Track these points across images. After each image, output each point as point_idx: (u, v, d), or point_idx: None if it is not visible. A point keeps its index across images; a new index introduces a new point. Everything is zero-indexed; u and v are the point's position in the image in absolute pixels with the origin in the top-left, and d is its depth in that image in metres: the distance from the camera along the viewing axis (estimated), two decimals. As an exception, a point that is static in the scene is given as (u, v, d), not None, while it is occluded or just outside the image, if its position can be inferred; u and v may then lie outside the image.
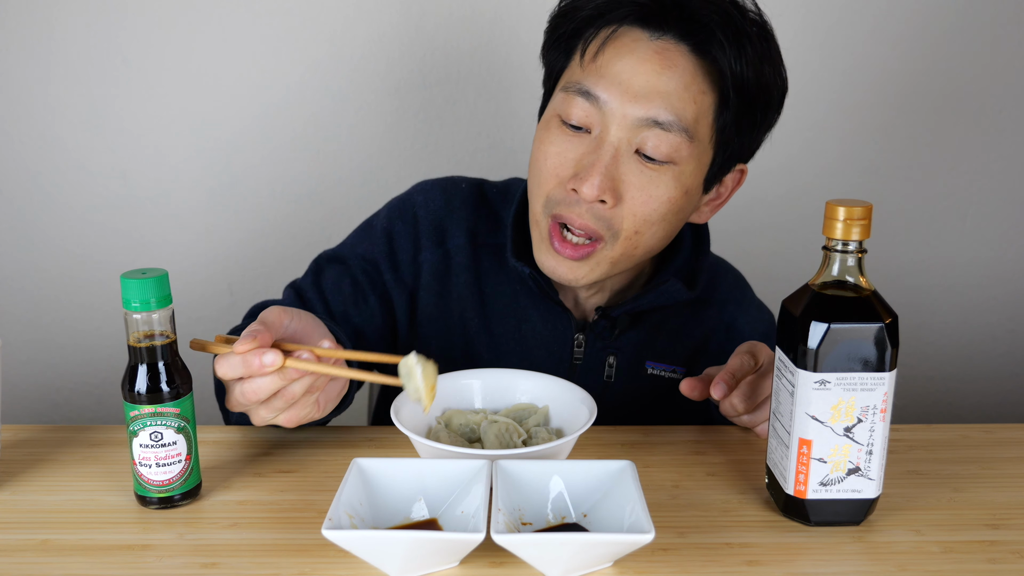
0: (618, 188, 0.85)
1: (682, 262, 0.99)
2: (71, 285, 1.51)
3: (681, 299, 0.97)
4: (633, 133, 0.85)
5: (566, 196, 0.87)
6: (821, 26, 1.44)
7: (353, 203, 1.48)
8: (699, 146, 0.87)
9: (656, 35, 0.85)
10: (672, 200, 0.87)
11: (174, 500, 0.75)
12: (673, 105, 0.84)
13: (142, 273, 0.72)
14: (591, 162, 0.85)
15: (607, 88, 0.84)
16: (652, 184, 0.86)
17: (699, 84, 0.85)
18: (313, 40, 1.42)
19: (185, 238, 1.50)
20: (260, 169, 1.47)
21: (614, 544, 0.64)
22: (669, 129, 0.84)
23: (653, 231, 0.88)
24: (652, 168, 0.86)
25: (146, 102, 1.43)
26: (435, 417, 0.85)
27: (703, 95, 0.85)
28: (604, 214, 0.86)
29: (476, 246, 1.01)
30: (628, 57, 0.84)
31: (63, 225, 1.48)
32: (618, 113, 0.84)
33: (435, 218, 1.01)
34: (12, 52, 1.40)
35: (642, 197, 0.86)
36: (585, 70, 0.86)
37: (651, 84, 0.84)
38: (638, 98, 0.84)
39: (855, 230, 0.68)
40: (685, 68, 0.84)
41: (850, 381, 0.69)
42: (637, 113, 0.84)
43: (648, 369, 1.01)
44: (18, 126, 1.44)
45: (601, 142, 0.85)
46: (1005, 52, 1.46)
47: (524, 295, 1.00)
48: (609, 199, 0.85)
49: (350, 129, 1.46)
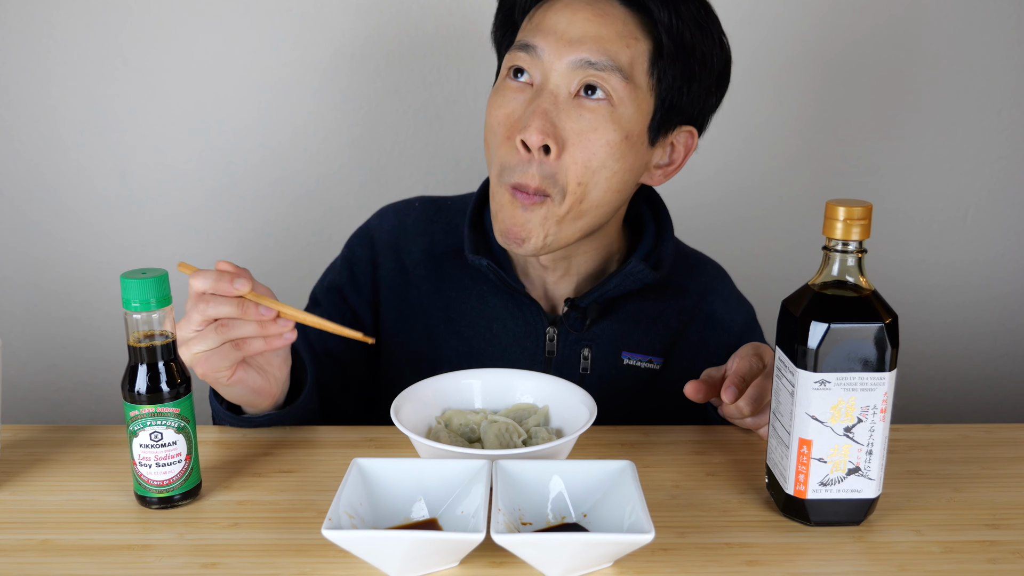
0: (559, 134, 0.87)
1: (647, 247, 1.00)
2: (71, 285, 1.51)
3: (647, 281, 0.97)
4: (570, 78, 0.88)
5: (517, 159, 0.89)
6: (821, 26, 1.44)
7: (353, 203, 1.48)
8: (636, 90, 0.89)
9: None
10: (611, 144, 0.88)
11: (174, 500, 0.75)
12: (605, 48, 0.87)
13: (142, 273, 0.72)
14: (532, 110, 0.88)
15: (544, 38, 0.88)
16: (591, 128, 0.88)
17: (632, 31, 0.88)
18: (313, 40, 1.42)
19: (185, 238, 1.50)
20: (260, 169, 1.47)
21: (614, 544, 0.64)
22: (603, 69, 0.87)
23: (596, 180, 0.89)
24: (590, 110, 0.88)
25: (146, 102, 1.43)
26: (435, 417, 0.85)
27: (636, 40, 0.88)
28: (550, 168, 0.88)
29: (434, 257, 1.04)
30: (564, 11, 0.89)
31: (63, 225, 1.48)
32: (554, 60, 0.88)
33: (390, 238, 1.05)
34: (12, 52, 1.40)
35: (582, 142, 0.88)
36: (524, 30, 0.91)
37: (584, 30, 0.87)
38: (572, 43, 0.87)
39: (855, 230, 0.68)
40: (618, 16, 0.88)
41: (850, 381, 0.69)
42: (571, 56, 0.87)
43: (624, 360, 1.01)
44: (18, 126, 1.44)
45: (541, 90, 0.89)
46: (1005, 52, 1.46)
47: (492, 295, 1.01)
48: (552, 145, 0.87)
49: (350, 129, 1.46)
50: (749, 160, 1.50)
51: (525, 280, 1.02)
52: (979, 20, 1.44)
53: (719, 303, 1.06)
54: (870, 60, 1.45)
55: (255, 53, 1.42)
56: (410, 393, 0.84)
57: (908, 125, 1.49)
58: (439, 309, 1.02)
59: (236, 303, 0.77)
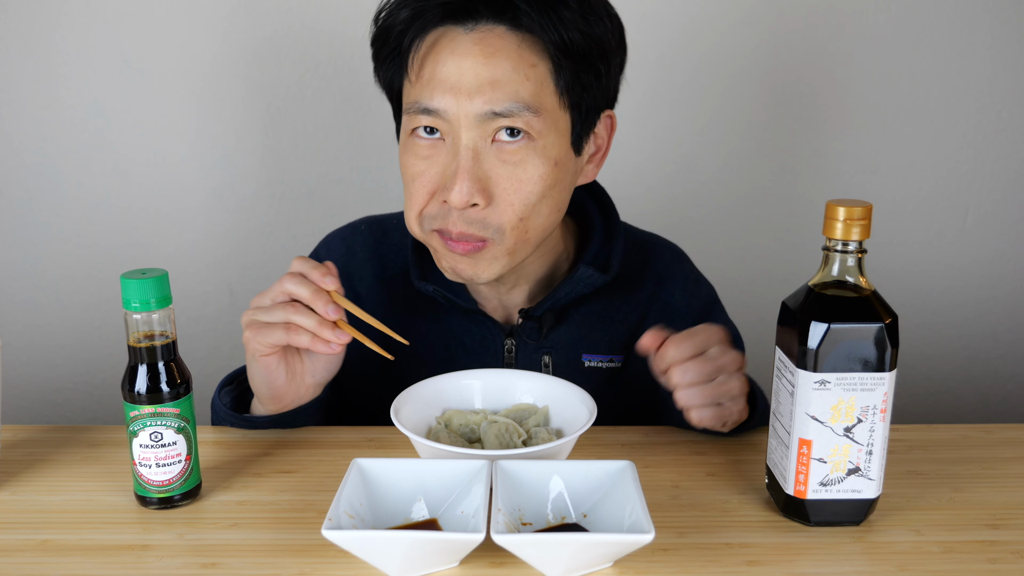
0: (487, 186, 0.86)
1: (594, 248, 0.99)
2: (71, 285, 1.51)
3: (597, 284, 0.96)
4: (481, 129, 0.85)
5: (440, 209, 0.88)
6: (820, 26, 1.44)
7: (353, 203, 1.48)
8: (550, 115, 0.86)
9: (470, 27, 0.85)
10: (544, 176, 0.87)
11: (174, 500, 0.75)
12: (506, 91, 0.83)
13: (142, 273, 0.72)
14: (453, 171, 0.85)
15: (441, 97, 0.84)
16: (518, 170, 0.86)
17: (527, 59, 0.84)
18: (313, 40, 1.42)
19: (185, 238, 1.50)
20: (260, 169, 1.47)
21: (614, 544, 0.64)
22: (510, 114, 0.84)
23: (537, 211, 0.88)
24: (512, 152, 0.85)
25: (146, 102, 1.43)
26: (435, 417, 0.85)
27: (534, 68, 0.85)
28: (478, 217, 0.86)
29: (385, 280, 1.03)
30: (450, 58, 0.84)
31: (63, 225, 1.48)
32: (460, 116, 0.84)
33: (340, 266, 1.02)
34: (12, 52, 1.40)
35: (513, 186, 0.86)
36: (416, 86, 0.87)
37: (479, 77, 0.83)
38: (471, 95, 0.84)
39: (855, 230, 0.68)
40: (507, 49, 0.84)
41: (850, 381, 0.69)
42: (475, 110, 0.84)
43: (585, 362, 1.00)
44: (18, 126, 1.44)
45: (456, 148, 0.85)
46: (1005, 52, 1.46)
47: (446, 314, 1.00)
48: (480, 200, 0.85)
49: (349, 129, 1.46)
50: (749, 160, 1.50)
51: (477, 295, 1.01)
52: (979, 20, 1.44)
53: (676, 289, 1.04)
54: (870, 60, 1.46)
55: (255, 53, 1.42)
56: (410, 393, 0.84)
57: (908, 125, 1.49)
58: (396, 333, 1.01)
59: (313, 289, 0.82)
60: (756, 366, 1.12)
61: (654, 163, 1.49)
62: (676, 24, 1.43)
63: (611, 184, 1.11)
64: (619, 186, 1.48)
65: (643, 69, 1.44)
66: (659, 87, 1.46)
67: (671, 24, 1.43)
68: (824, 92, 1.47)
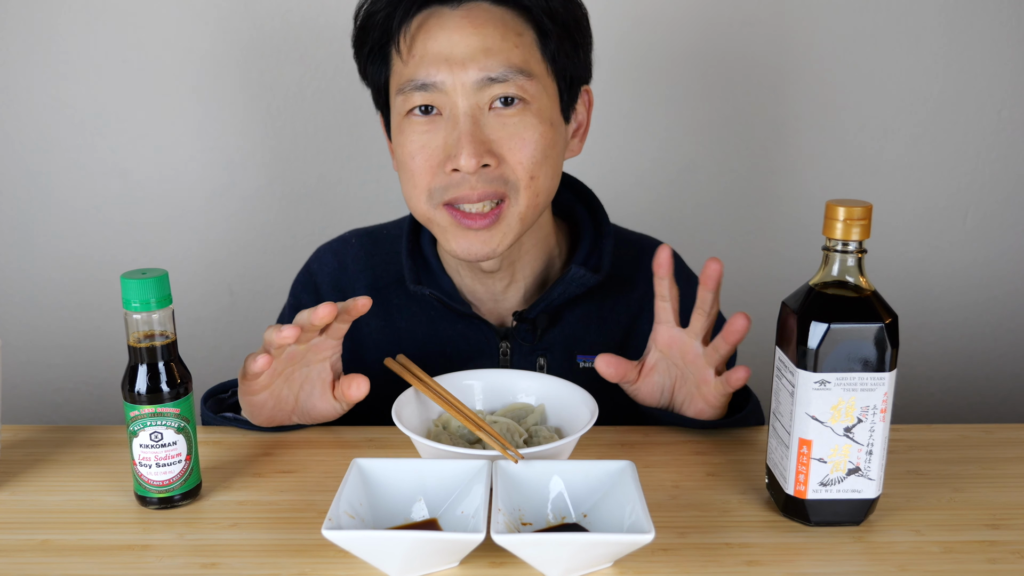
0: (493, 148, 0.88)
1: (586, 250, 1.00)
2: (71, 285, 1.51)
3: (589, 284, 0.97)
4: (478, 96, 0.87)
5: (449, 180, 0.89)
6: (820, 26, 1.44)
7: (353, 203, 1.48)
8: (540, 81, 0.90)
9: (454, 5, 0.88)
10: (544, 135, 0.89)
11: (174, 500, 0.75)
12: (498, 57, 0.87)
13: (142, 273, 0.72)
14: (456, 137, 0.87)
15: (436, 70, 0.87)
16: (520, 128, 0.88)
17: (514, 28, 0.88)
18: (313, 40, 1.42)
19: (185, 238, 1.50)
20: (260, 169, 1.47)
21: (614, 544, 0.64)
22: (505, 79, 0.87)
23: (543, 171, 0.90)
24: (512, 115, 0.88)
25: (146, 102, 1.43)
26: (432, 420, 0.85)
27: (520, 36, 0.89)
28: (494, 175, 0.88)
29: (379, 290, 1.03)
30: (440, 33, 0.87)
31: (63, 225, 1.48)
32: (456, 86, 0.87)
33: (332, 280, 1.05)
34: (12, 52, 1.40)
35: (517, 145, 0.88)
36: (408, 65, 0.89)
37: (471, 47, 0.87)
38: (466, 64, 0.86)
39: (855, 230, 0.68)
40: (495, 20, 0.88)
41: (850, 381, 0.69)
42: (471, 78, 0.87)
43: (580, 363, 1.01)
44: (18, 126, 1.44)
45: (456, 117, 0.88)
46: (1005, 52, 1.46)
47: (440, 319, 1.01)
48: (491, 160, 0.87)
49: (350, 129, 1.46)
50: (749, 159, 1.50)
51: (472, 298, 1.02)
52: (979, 20, 1.44)
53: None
54: (870, 60, 1.46)
55: (255, 53, 1.42)
56: (410, 394, 0.84)
57: (908, 125, 1.49)
58: (391, 342, 1.02)
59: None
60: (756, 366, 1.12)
61: (654, 163, 1.49)
62: (676, 24, 1.43)
63: (611, 184, 1.11)
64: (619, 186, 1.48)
65: (643, 69, 1.44)
66: (659, 87, 1.46)
67: (671, 24, 1.43)
68: (824, 92, 1.47)
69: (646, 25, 1.43)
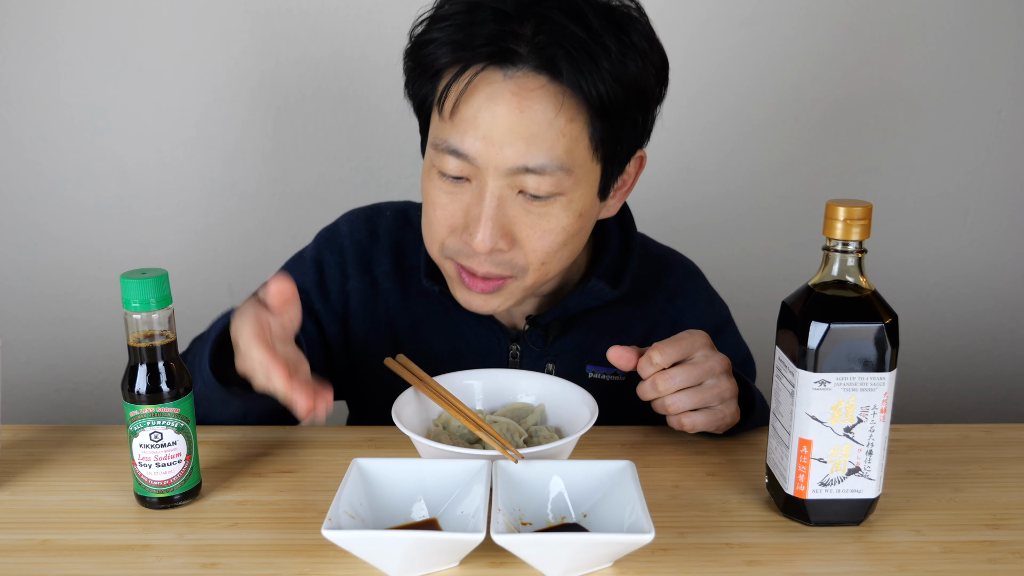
0: (511, 232, 0.85)
1: (608, 262, 0.98)
2: (71, 285, 1.51)
3: (607, 298, 0.96)
4: (510, 180, 0.83)
5: (463, 246, 0.87)
6: (821, 26, 1.44)
7: (353, 203, 1.47)
8: (581, 171, 0.84)
9: (509, 73, 0.81)
10: (567, 227, 0.86)
11: (174, 500, 0.75)
12: (541, 147, 0.81)
13: (142, 273, 0.72)
14: (477, 215, 0.84)
15: (472, 143, 0.82)
16: (543, 220, 0.85)
17: (565, 113, 0.81)
18: (313, 40, 1.42)
19: (185, 238, 1.50)
20: (260, 169, 1.47)
21: (614, 544, 0.64)
22: (543, 172, 0.82)
23: (559, 257, 0.88)
24: (539, 206, 0.84)
25: (146, 102, 1.43)
26: (432, 420, 0.85)
27: (571, 123, 0.82)
28: (504, 259, 0.86)
29: (402, 270, 1.02)
30: (486, 104, 0.81)
31: (63, 225, 1.48)
32: (490, 165, 0.82)
33: (360, 248, 1.02)
34: (12, 52, 1.40)
35: (536, 234, 0.85)
36: (447, 124, 0.84)
37: (514, 128, 0.81)
38: (504, 146, 0.81)
39: (855, 230, 0.68)
40: (545, 102, 0.81)
41: (850, 381, 0.69)
42: (507, 163, 0.82)
43: (589, 373, 1.00)
44: (18, 126, 1.44)
45: (482, 193, 0.84)
46: (1005, 52, 1.46)
47: (455, 312, 0.99)
48: (504, 245, 0.85)
49: (350, 129, 1.46)
50: (749, 160, 1.50)
51: None
52: (979, 20, 1.44)
53: (687, 307, 1.03)
54: (870, 60, 1.45)
55: (255, 53, 1.42)
56: (410, 394, 0.84)
57: (908, 125, 1.49)
58: (406, 326, 1.01)
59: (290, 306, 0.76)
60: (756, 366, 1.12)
61: (654, 164, 1.49)
62: (675, 24, 1.43)
63: (611, 184, 1.10)
64: (619, 186, 1.48)
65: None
66: (659, 87, 1.45)
67: (670, 24, 1.43)
68: (824, 92, 1.47)
69: (646, 25, 1.43)
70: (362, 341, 1.00)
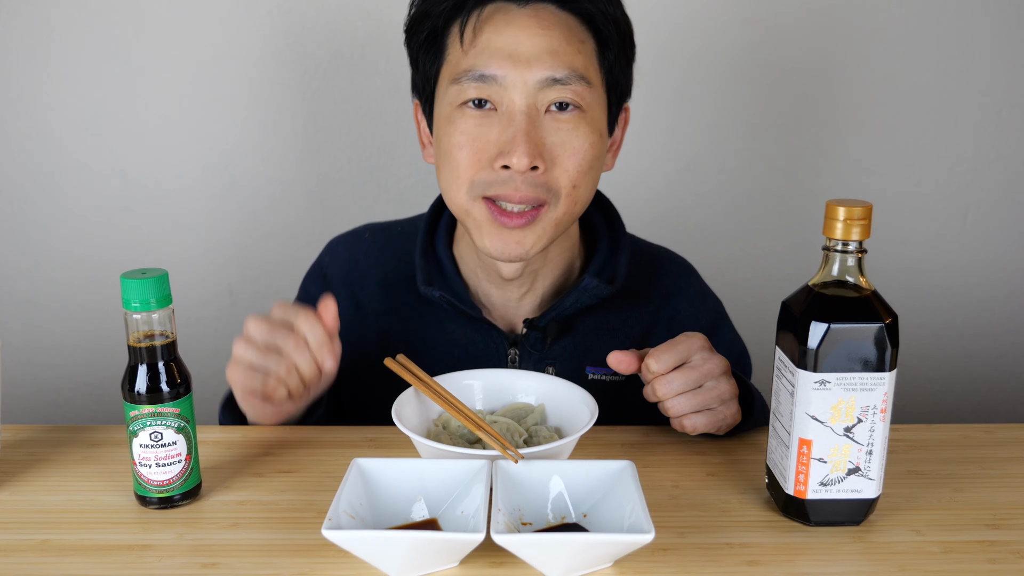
0: (544, 151, 0.88)
1: (601, 261, 0.99)
2: (71, 285, 1.51)
3: (602, 295, 0.97)
4: (537, 96, 0.87)
5: (495, 176, 0.88)
6: (821, 26, 1.44)
7: (353, 203, 1.48)
8: (596, 90, 0.90)
9: (523, 3, 0.89)
10: (593, 145, 0.90)
11: (174, 500, 0.75)
12: (562, 60, 0.87)
13: (142, 273, 0.72)
14: (511, 135, 0.87)
15: (499, 63, 0.87)
16: (572, 136, 0.88)
17: (577, 35, 0.89)
18: (313, 40, 1.42)
19: (185, 238, 1.50)
20: (260, 169, 1.47)
21: (614, 544, 0.64)
22: (568, 82, 0.87)
23: (586, 181, 0.91)
24: (566, 121, 0.88)
25: (146, 102, 1.43)
26: (432, 420, 0.85)
27: (583, 43, 0.89)
28: (539, 180, 0.88)
29: (389, 287, 1.03)
30: (506, 29, 0.87)
31: (63, 225, 1.48)
32: (518, 82, 0.87)
33: (343, 275, 1.04)
34: (12, 52, 1.40)
35: (568, 152, 0.88)
36: (469, 55, 0.88)
37: (536, 46, 0.87)
38: (530, 63, 0.86)
39: (855, 230, 0.68)
40: (561, 24, 0.88)
41: (850, 381, 0.69)
42: (534, 77, 0.86)
43: (589, 375, 1.00)
44: (18, 126, 1.44)
45: (512, 114, 0.87)
46: (1005, 52, 1.46)
47: (449, 321, 1.00)
48: (540, 164, 0.87)
49: (350, 129, 1.46)
50: (749, 159, 1.50)
51: (485, 302, 1.01)
52: (979, 20, 1.44)
53: (683, 304, 1.04)
54: (870, 59, 1.46)
55: (255, 53, 1.42)
56: (410, 394, 0.84)
57: (908, 125, 1.49)
58: (399, 340, 1.01)
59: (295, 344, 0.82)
60: (756, 366, 1.12)
61: (653, 164, 1.49)
62: (675, 24, 1.43)
63: (610, 186, 1.11)
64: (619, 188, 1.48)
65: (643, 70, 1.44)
66: (659, 87, 1.45)
67: (670, 24, 1.43)
68: (824, 92, 1.47)
69: (646, 25, 1.43)
70: (354, 364, 0.99)
